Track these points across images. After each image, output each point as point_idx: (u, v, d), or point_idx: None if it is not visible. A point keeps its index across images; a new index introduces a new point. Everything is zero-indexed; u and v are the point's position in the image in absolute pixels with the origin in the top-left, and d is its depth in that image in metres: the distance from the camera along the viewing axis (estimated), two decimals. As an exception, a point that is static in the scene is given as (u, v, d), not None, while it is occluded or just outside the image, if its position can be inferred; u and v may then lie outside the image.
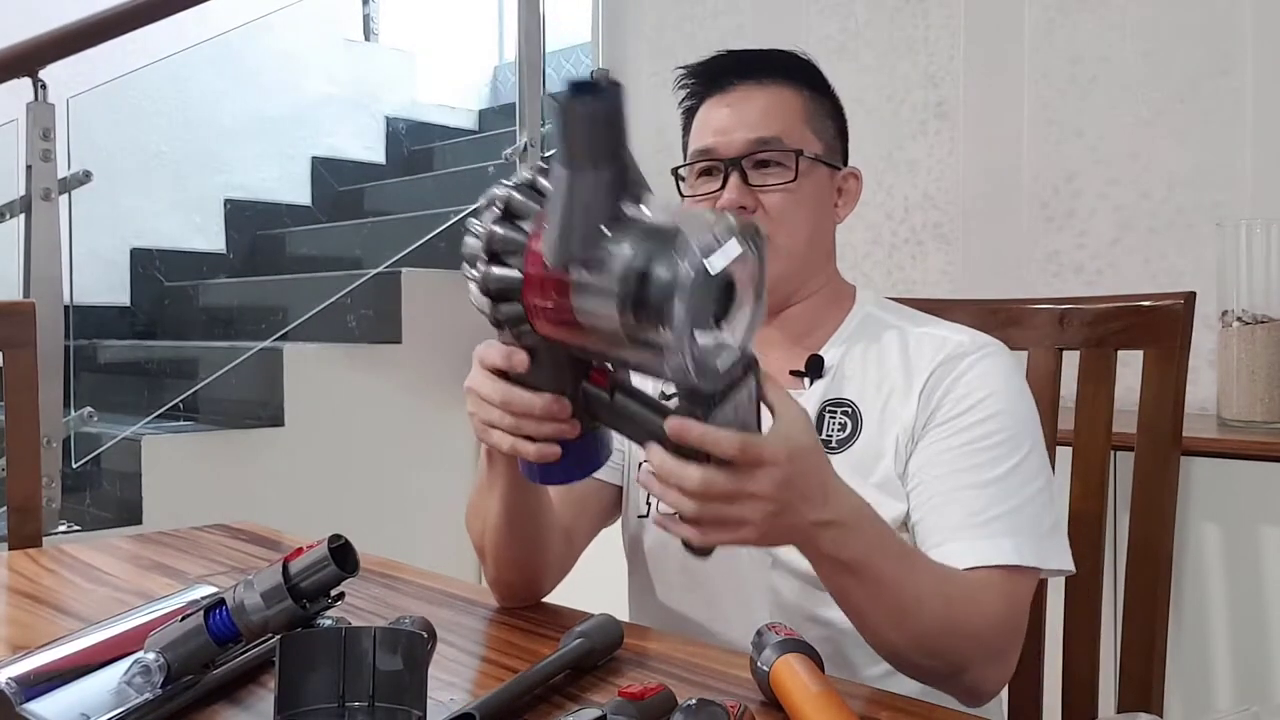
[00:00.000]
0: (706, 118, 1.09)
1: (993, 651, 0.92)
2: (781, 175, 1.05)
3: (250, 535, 1.40)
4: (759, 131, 1.05)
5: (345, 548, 0.78)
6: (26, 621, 1.05)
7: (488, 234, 0.73)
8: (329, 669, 0.71)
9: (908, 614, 0.86)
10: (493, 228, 0.73)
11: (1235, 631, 1.47)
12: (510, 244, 0.72)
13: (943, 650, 0.89)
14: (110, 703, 0.73)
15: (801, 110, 1.08)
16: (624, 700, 0.68)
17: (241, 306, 3.20)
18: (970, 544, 0.93)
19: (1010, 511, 0.95)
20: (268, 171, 3.77)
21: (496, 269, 0.72)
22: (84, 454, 2.43)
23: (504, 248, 0.72)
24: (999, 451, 0.97)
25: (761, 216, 1.04)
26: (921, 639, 0.88)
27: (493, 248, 0.72)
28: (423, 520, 2.66)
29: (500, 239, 0.72)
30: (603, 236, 0.66)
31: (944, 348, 1.03)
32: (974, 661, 0.91)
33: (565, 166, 0.66)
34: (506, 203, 0.73)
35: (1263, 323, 1.61)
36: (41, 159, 2.40)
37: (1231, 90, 1.90)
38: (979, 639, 0.90)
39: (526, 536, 1.00)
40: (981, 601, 0.91)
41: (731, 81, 1.08)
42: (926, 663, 0.90)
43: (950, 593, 0.89)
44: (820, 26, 2.44)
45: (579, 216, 0.67)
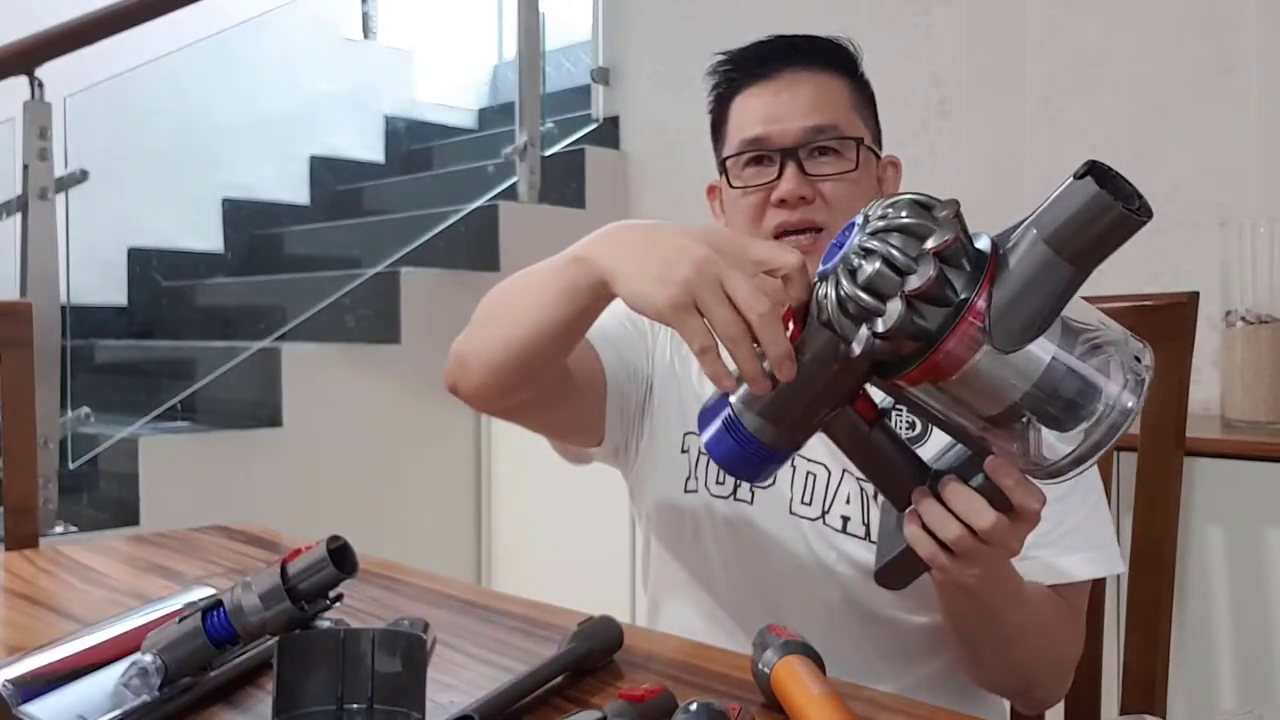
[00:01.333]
0: (751, 106, 1.05)
1: (1067, 670, 0.95)
2: (839, 164, 1.02)
3: (248, 536, 1.40)
4: (814, 119, 1.02)
5: (344, 549, 0.77)
6: (23, 623, 1.05)
7: (933, 280, 0.64)
8: (327, 671, 0.71)
9: (1011, 643, 0.88)
10: (930, 275, 0.64)
11: (1239, 632, 1.47)
12: (937, 298, 0.64)
13: (1028, 674, 0.92)
14: (107, 704, 0.72)
15: (849, 97, 1.06)
16: (624, 702, 0.67)
17: (239, 306, 3.19)
18: (1041, 565, 0.94)
19: (1079, 525, 0.96)
20: (266, 171, 3.77)
21: (918, 319, 0.64)
22: (81, 454, 2.43)
23: (931, 294, 0.64)
24: None
25: (820, 206, 1.01)
26: (1014, 665, 0.91)
27: (918, 292, 0.64)
28: (422, 520, 2.66)
29: (932, 289, 0.64)
30: (1066, 329, 0.64)
31: None
32: (1049, 681, 0.94)
33: (1059, 254, 0.62)
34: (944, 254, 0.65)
35: (1266, 323, 1.60)
36: (38, 158, 2.40)
37: (1235, 89, 1.90)
38: (1062, 660, 0.93)
39: (537, 365, 0.92)
40: (1065, 624, 0.93)
41: (776, 68, 1.05)
42: (1008, 681, 0.94)
43: (1046, 625, 0.91)
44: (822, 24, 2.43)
45: (1044, 305, 0.63)
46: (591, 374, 1.04)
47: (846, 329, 0.67)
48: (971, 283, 0.64)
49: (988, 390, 0.65)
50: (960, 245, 0.65)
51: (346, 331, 2.71)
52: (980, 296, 0.63)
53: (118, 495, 2.37)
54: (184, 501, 2.32)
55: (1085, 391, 0.64)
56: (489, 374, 0.93)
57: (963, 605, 0.85)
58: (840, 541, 1.00)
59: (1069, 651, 0.94)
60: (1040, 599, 0.92)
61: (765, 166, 1.04)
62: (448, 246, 2.84)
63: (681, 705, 0.67)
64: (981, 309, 0.63)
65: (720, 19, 2.76)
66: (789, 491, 1.02)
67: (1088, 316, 0.66)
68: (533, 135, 2.92)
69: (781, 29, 1.13)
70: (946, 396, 0.66)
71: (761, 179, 1.03)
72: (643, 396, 1.10)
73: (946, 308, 0.64)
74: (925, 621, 1.01)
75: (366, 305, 2.69)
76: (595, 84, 3.16)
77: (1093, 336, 0.65)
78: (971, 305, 0.63)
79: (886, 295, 0.65)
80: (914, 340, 0.65)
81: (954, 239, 0.65)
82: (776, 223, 1.02)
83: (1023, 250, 0.63)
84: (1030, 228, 0.63)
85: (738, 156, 1.06)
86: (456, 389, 0.98)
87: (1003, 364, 0.64)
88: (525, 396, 0.96)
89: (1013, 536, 0.74)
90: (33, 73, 2.39)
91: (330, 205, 3.81)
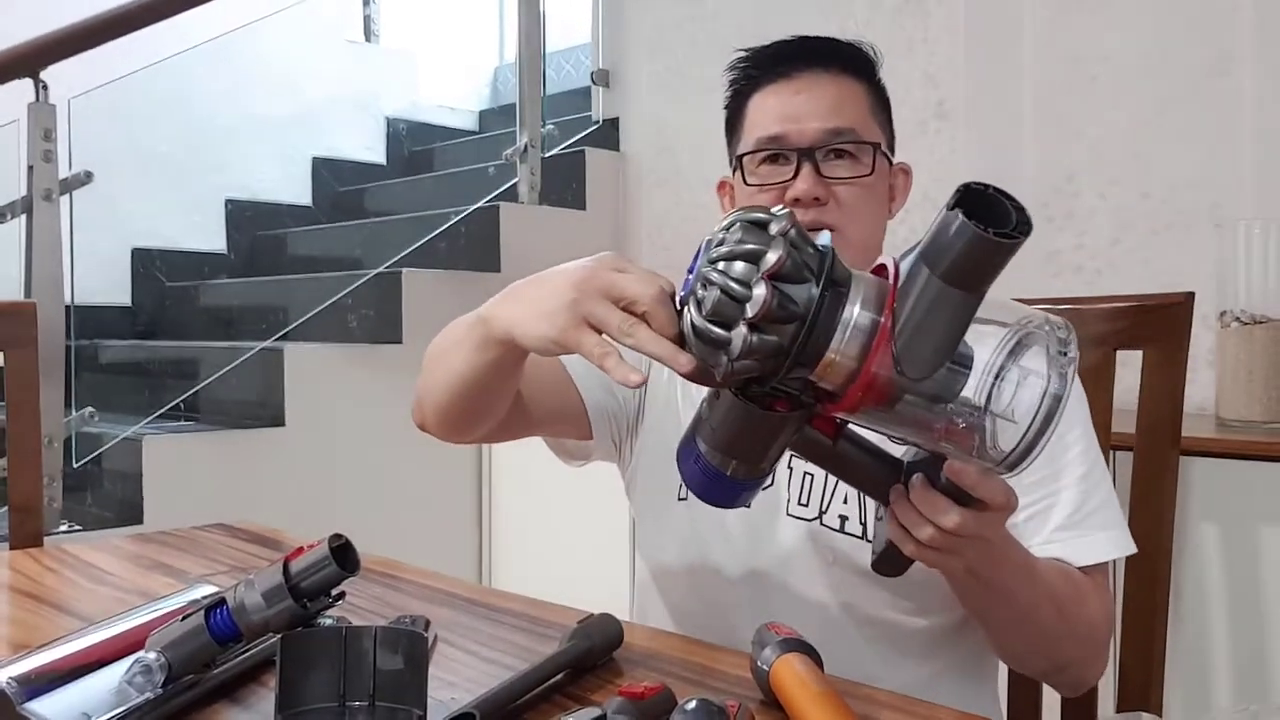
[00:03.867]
0: (769, 104, 1.05)
1: (1099, 649, 0.96)
2: (855, 168, 1.03)
3: (251, 535, 1.41)
4: (833, 121, 1.03)
5: (346, 547, 0.78)
6: (28, 621, 1.05)
7: (768, 303, 0.65)
8: (330, 668, 0.71)
9: (1026, 620, 0.89)
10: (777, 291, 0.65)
11: (1234, 631, 1.47)
12: (784, 314, 0.65)
13: (1053, 653, 0.93)
14: (111, 702, 0.73)
15: (867, 102, 1.07)
16: (624, 700, 0.68)
17: (242, 307, 3.20)
18: (1069, 545, 0.96)
19: (1100, 506, 0.98)
20: (268, 172, 3.77)
21: (843, 359, 0.65)
22: (85, 454, 2.43)
23: (778, 316, 0.65)
24: (1076, 451, 0.99)
25: (833, 208, 1.02)
26: (1035, 643, 0.92)
27: (771, 314, 0.65)
28: (423, 520, 2.66)
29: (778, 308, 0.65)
30: (964, 357, 0.65)
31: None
32: (1081, 660, 0.95)
33: (948, 282, 0.63)
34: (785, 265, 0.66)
35: (1261, 323, 1.61)
36: (43, 159, 2.41)
37: (1231, 91, 1.91)
38: (1089, 639, 0.94)
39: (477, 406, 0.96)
40: (1089, 604, 0.94)
41: (796, 68, 1.05)
42: (1036, 662, 0.95)
43: (1062, 600, 0.91)
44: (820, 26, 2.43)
45: (946, 331, 0.65)
46: (565, 400, 1.07)
47: (707, 355, 0.68)
48: (814, 287, 0.66)
49: (917, 414, 0.67)
50: (796, 259, 0.66)
51: (348, 332, 2.71)
52: (884, 337, 0.65)
53: (121, 494, 2.38)
54: (187, 500, 2.33)
55: (1015, 389, 0.65)
56: (438, 414, 0.98)
57: (969, 588, 0.87)
58: (837, 541, 1.00)
59: (1095, 627, 0.95)
60: (1055, 576, 0.93)
61: (781, 165, 1.04)
62: (449, 247, 2.84)
63: (681, 703, 0.67)
64: (888, 341, 0.64)
65: (719, 21, 2.77)
66: (786, 493, 1.03)
67: (1005, 314, 0.67)
68: (533, 137, 2.93)
69: (779, 31, 1.13)
70: (884, 420, 0.68)
71: (777, 177, 1.04)
72: (634, 411, 1.11)
73: (792, 322, 0.65)
74: (922, 624, 1.01)
75: (368, 306, 2.70)
76: (595, 86, 3.17)
77: (1012, 334, 0.66)
78: (879, 337, 0.64)
79: (731, 323, 0.66)
80: (774, 357, 0.66)
81: (784, 257, 0.65)
82: None
83: (916, 281, 0.64)
84: (919, 258, 0.64)
85: (754, 154, 1.05)
86: (422, 426, 1.03)
87: (923, 388, 0.65)
88: (484, 430, 1.00)
89: (986, 528, 0.76)
90: (37, 75, 2.40)
91: (332, 206, 3.81)
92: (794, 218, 0.68)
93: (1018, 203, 0.62)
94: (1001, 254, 0.62)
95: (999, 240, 0.61)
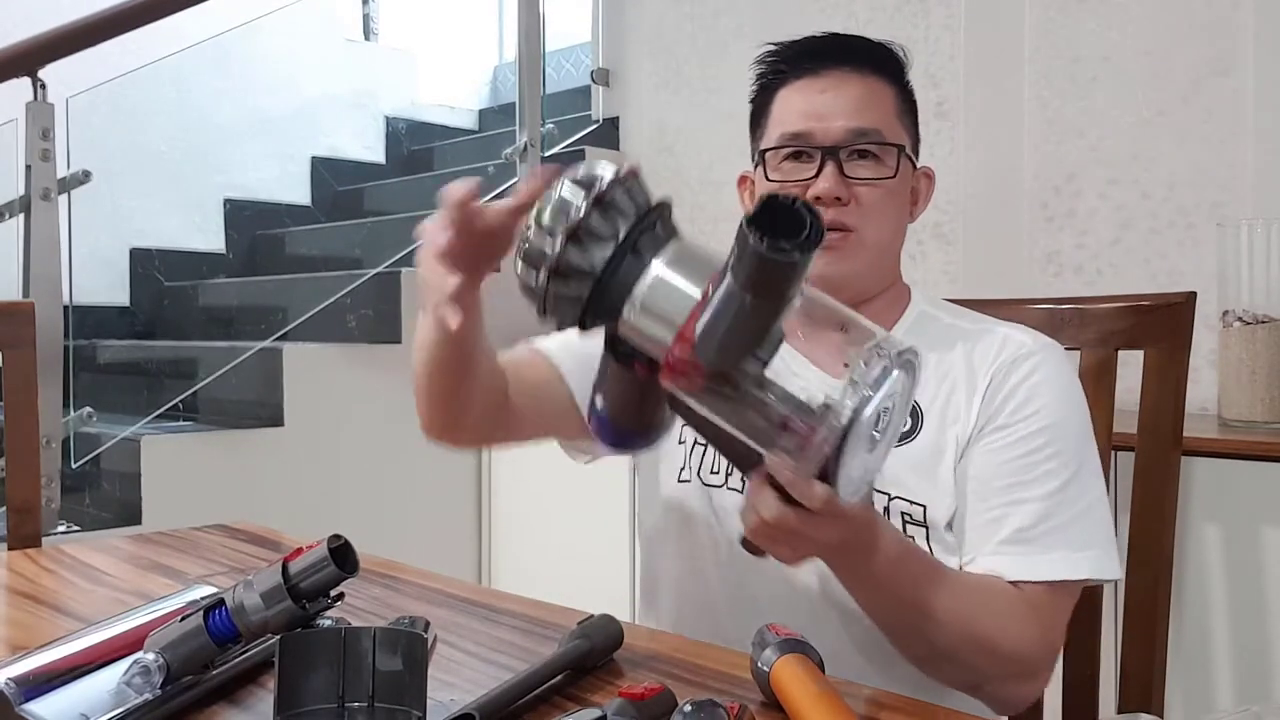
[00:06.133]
0: (795, 101, 1.04)
1: (1023, 670, 0.93)
2: (878, 169, 1.02)
3: (250, 535, 1.40)
4: (859, 121, 1.02)
5: (345, 548, 0.78)
6: (26, 622, 1.05)
7: (579, 224, 0.69)
8: (329, 669, 0.71)
9: (924, 629, 0.88)
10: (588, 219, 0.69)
11: (1236, 631, 1.47)
12: (597, 236, 0.69)
13: (964, 665, 0.90)
14: (110, 703, 0.73)
15: (894, 104, 1.06)
16: (624, 701, 0.68)
17: (241, 306, 3.20)
18: (1016, 560, 0.94)
19: (1065, 525, 0.95)
20: (267, 171, 3.77)
21: (650, 322, 0.69)
22: (83, 454, 2.43)
23: (591, 236, 0.69)
24: (1055, 464, 0.97)
25: (853, 209, 1.01)
26: (942, 651, 0.89)
27: (579, 233, 0.69)
28: (423, 520, 2.66)
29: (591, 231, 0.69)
30: (757, 360, 0.68)
31: (1006, 347, 1.02)
32: (999, 679, 0.92)
33: (753, 295, 0.65)
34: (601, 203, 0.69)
35: (1263, 323, 1.61)
36: (41, 159, 2.40)
37: (1232, 90, 1.90)
38: (1008, 658, 0.91)
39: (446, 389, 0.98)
40: (1014, 620, 0.91)
41: (825, 65, 1.04)
42: (947, 673, 0.92)
43: (976, 611, 0.90)
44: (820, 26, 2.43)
45: (742, 331, 0.67)
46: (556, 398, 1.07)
47: (529, 297, 0.72)
48: (612, 247, 0.69)
49: (732, 407, 0.69)
50: (601, 221, 0.69)
51: (348, 331, 2.71)
52: (695, 315, 0.67)
53: (120, 494, 2.38)
54: (186, 501, 2.33)
55: (828, 404, 0.67)
56: (428, 406, 1.01)
57: (850, 584, 0.87)
58: None
59: (1021, 653, 0.92)
60: (973, 588, 0.92)
61: (804, 163, 1.03)
62: (449, 247, 2.84)
63: (681, 703, 0.67)
64: (692, 332, 0.67)
65: (720, 20, 2.77)
66: None
67: (850, 332, 0.69)
68: (533, 136, 2.93)
69: (780, 31, 1.13)
70: (709, 407, 0.70)
71: (799, 175, 1.03)
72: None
73: (586, 278, 0.69)
74: None
75: (367, 305, 2.70)
76: (595, 85, 3.17)
77: (849, 353, 0.68)
78: (688, 326, 0.67)
79: (537, 269, 0.70)
80: (573, 307, 0.70)
81: (585, 217, 0.68)
82: None
83: (723, 283, 0.66)
84: (728, 259, 0.66)
85: (777, 149, 1.05)
86: (428, 432, 1.05)
87: (724, 380, 0.68)
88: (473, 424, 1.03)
89: (811, 528, 0.75)
90: (35, 74, 2.39)
91: (331, 206, 3.81)
92: (630, 176, 0.70)
93: (817, 217, 0.64)
94: (790, 270, 0.64)
95: (780, 261, 0.63)
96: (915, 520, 0.99)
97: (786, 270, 0.64)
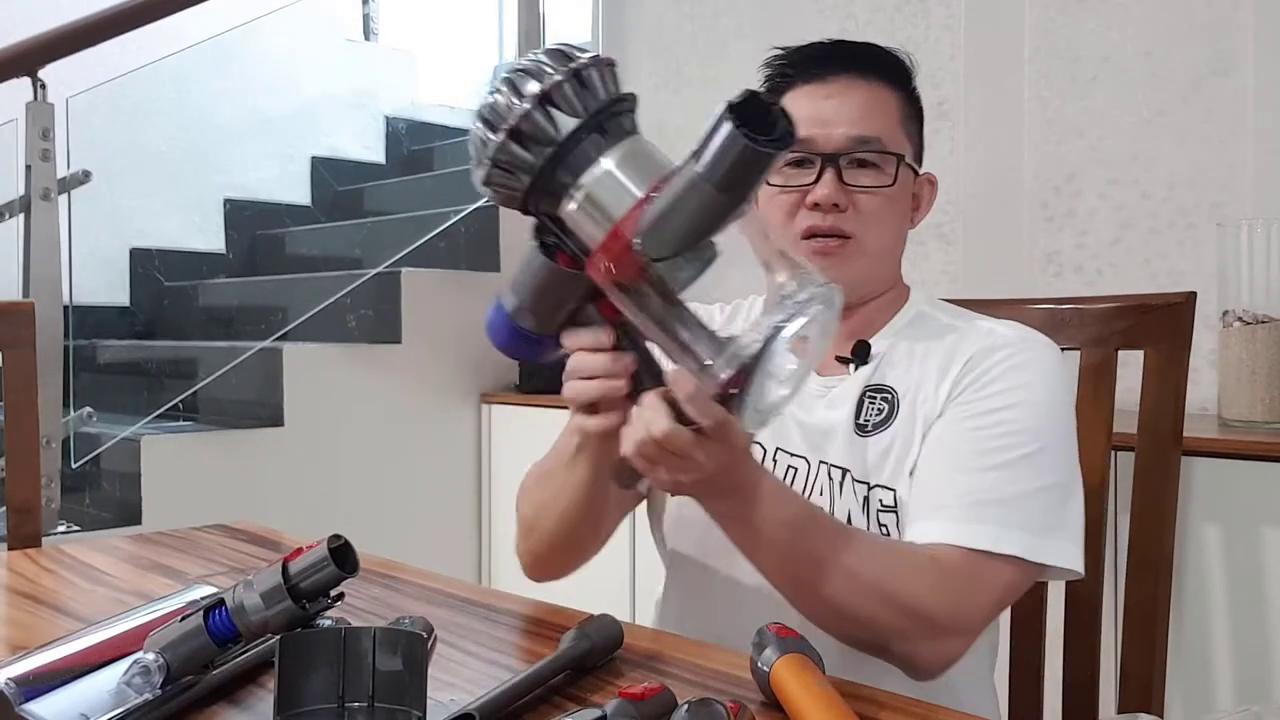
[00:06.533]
0: (800, 105, 1.05)
1: (926, 629, 0.91)
2: (878, 177, 1.04)
3: (250, 535, 1.40)
4: (861, 129, 1.03)
5: (345, 548, 0.78)
6: (26, 622, 1.05)
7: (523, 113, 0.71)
8: (329, 669, 0.71)
9: (817, 583, 0.89)
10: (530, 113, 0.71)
11: (1236, 632, 1.47)
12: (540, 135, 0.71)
13: (863, 620, 0.90)
14: (109, 703, 0.73)
15: (898, 111, 1.06)
16: (624, 701, 0.68)
17: (241, 306, 3.20)
18: (944, 524, 0.94)
19: (1006, 499, 0.94)
20: (267, 171, 3.77)
21: (593, 207, 0.71)
22: (83, 454, 2.43)
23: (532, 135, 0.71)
24: (1011, 440, 0.96)
25: (852, 216, 1.03)
26: (839, 607, 0.90)
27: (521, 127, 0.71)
28: (423, 520, 2.66)
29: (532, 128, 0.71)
30: (710, 246, 0.69)
31: (988, 338, 1.03)
32: (902, 637, 0.91)
33: (714, 187, 0.66)
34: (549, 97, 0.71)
35: (1263, 323, 1.61)
36: (41, 159, 2.40)
37: (1232, 90, 1.90)
38: (908, 615, 0.90)
39: (591, 521, 1.01)
40: (922, 579, 0.91)
41: (831, 71, 1.05)
42: (849, 630, 0.92)
43: (878, 568, 0.90)
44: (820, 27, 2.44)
45: (692, 222, 0.67)
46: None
47: (479, 155, 0.74)
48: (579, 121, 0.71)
49: (658, 307, 0.70)
50: (574, 93, 0.71)
51: (347, 331, 2.71)
52: (637, 208, 0.69)
53: (120, 494, 2.38)
54: (186, 501, 2.33)
55: (754, 332, 0.68)
56: (562, 549, 1.06)
57: (730, 530, 0.89)
58: None
59: (920, 605, 0.90)
60: (884, 550, 0.93)
61: (805, 169, 1.04)
62: (448, 247, 2.84)
63: (681, 704, 0.67)
64: (636, 219, 0.69)
65: (720, 20, 2.77)
66: None
67: (780, 266, 0.70)
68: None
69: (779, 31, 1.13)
70: (632, 308, 0.71)
71: (799, 180, 1.04)
72: None
73: (548, 146, 0.71)
74: None
75: (367, 305, 2.70)
76: (595, 85, 3.17)
77: (780, 284, 0.69)
78: (629, 215, 0.69)
79: (497, 127, 0.72)
80: (525, 172, 0.71)
81: (561, 84, 0.70)
82: (807, 225, 1.03)
83: (685, 169, 0.67)
84: (691, 156, 0.67)
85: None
86: (539, 575, 1.10)
87: (650, 281, 0.69)
88: (580, 551, 1.07)
89: (698, 450, 0.77)
90: (35, 74, 2.40)
91: (331, 206, 3.81)
92: (606, 63, 0.74)
93: (789, 119, 0.66)
94: (757, 161, 0.65)
95: (759, 149, 0.64)
96: (887, 506, 1.00)
97: (762, 162, 0.65)
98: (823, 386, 1.06)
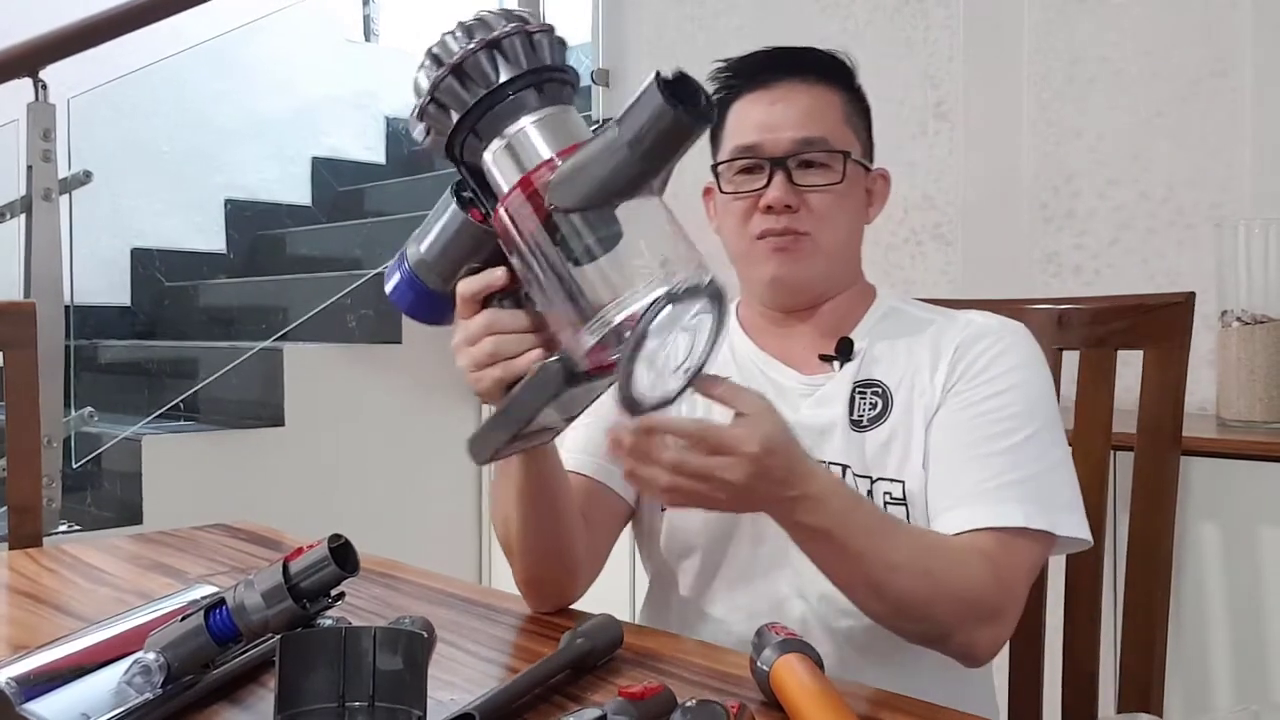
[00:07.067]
0: (747, 113, 1.08)
1: (982, 614, 0.93)
2: (826, 176, 1.06)
3: (250, 535, 1.41)
4: (805, 131, 1.05)
5: (345, 547, 0.78)
6: (27, 621, 1.05)
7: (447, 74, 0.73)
8: (329, 669, 0.71)
9: (883, 582, 0.89)
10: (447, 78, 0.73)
11: (1235, 631, 1.47)
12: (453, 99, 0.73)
13: (925, 616, 0.91)
14: (110, 703, 0.73)
15: (842, 110, 1.09)
16: (624, 700, 0.68)
17: (241, 306, 3.20)
18: (973, 509, 0.96)
19: (1022, 479, 0.97)
20: (268, 172, 3.78)
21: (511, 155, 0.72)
22: (84, 454, 2.44)
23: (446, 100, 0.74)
24: (1014, 423, 0.99)
25: (805, 215, 1.05)
26: (899, 605, 0.90)
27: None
28: (423, 520, 2.66)
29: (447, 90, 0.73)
30: (613, 220, 0.69)
31: (969, 328, 1.06)
32: (961, 625, 0.92)
33: (631, 150, 0.67)
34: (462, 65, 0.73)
35: (1262, 323, 1.61)
36: (42, 159, 2.41)
37: (1230, 91, 1.91)
38: (965, 603, 0.91)
39: (548, 521, 0.99)
40: (970, 566, 0.92)
41: (776, 77, 1.08)
42: (910, 626, 0.93)
43: (932, 562, 0.91)
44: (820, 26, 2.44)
45: (605, 184, 0.69)
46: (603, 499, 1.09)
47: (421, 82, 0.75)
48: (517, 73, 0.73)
49: (553, 261, 0.70)
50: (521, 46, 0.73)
51: (348, 331, 2.71)
52: (550, 162, 0.70)
53: (121, 494, 2.38)
54: (187, 500, 2.33)
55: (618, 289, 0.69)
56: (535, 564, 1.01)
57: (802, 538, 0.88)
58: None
59: (980, 597, 0.92)
60: (928, 540, 0.94)
61: (755, 175, 1.07)
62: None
63: (681, 703, 0.67)
64: (553, 167, 0.70)
65: (719, 21, 2.77)
66: None
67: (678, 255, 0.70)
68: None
69: (779, 31, 1.14)
70: (524, 251, 0.72)
71: (751, 185, 1.07)
72: None
73: (484, 88, 0.72)
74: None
75: (368, 305, 2.70)
76: (595, 86, 3.17)
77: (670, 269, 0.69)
78: (541, 165, 0.71)
79: (439, 65, 0.74)
80: (458, 108, 0.73)
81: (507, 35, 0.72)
82: (762, 228, 1.06)
83: (602, 135, 0.69)
84: (616, 121, 0.69)
85: (730, 163, 1.09)
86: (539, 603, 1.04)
87: (557, 224, 0.70)
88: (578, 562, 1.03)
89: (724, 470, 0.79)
90: (36, 75, 2.40)
91: (332, 206, 3.81)
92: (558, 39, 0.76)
93: (711, 101, 0.70)
94: (676, 129, 0.67)
95: (673, 111, 0.67)
96: (895, 499, 1.02)
97: (680, 132, 0.67)
98: (808, 385, 1.07)
